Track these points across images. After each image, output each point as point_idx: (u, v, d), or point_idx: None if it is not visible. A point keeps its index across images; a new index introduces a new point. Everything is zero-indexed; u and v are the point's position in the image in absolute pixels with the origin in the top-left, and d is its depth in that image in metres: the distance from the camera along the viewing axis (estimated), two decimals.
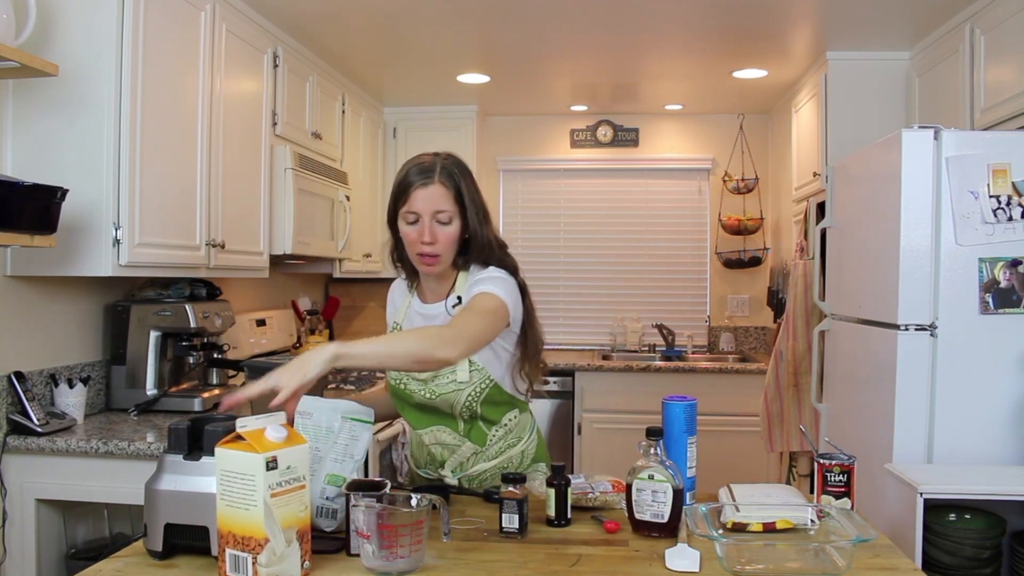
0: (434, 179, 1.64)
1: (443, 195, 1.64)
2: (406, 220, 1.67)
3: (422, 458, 1.81)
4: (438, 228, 1.64)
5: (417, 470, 1.84)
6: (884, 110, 3.43)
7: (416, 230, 1.65)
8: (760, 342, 4.80)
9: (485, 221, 1.70)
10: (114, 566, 1.28)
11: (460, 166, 1.69)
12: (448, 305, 1.71)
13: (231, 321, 2.83)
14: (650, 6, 2.98)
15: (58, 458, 2.20)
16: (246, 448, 1.16)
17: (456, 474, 1.76)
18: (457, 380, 1.68)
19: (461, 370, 1.67)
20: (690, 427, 1.62)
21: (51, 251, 2.15)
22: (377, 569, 1.23)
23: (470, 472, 1.76)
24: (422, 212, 1.64)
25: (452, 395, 1.68)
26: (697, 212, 4.87)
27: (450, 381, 1.68)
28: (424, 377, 1.70)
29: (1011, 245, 2.25)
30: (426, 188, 1.63)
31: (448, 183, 1.65)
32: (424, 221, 1.64)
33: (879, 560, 1.32)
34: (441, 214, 1.64)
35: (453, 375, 1.68)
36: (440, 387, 1.69)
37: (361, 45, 3.49)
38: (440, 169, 1.65)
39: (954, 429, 2.29)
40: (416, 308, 1.78)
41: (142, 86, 2.26)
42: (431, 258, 1.66)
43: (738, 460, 4.04)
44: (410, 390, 1.72)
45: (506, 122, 4.93)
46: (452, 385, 1.68)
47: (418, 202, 1.63)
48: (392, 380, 1.75)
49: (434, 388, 1.69)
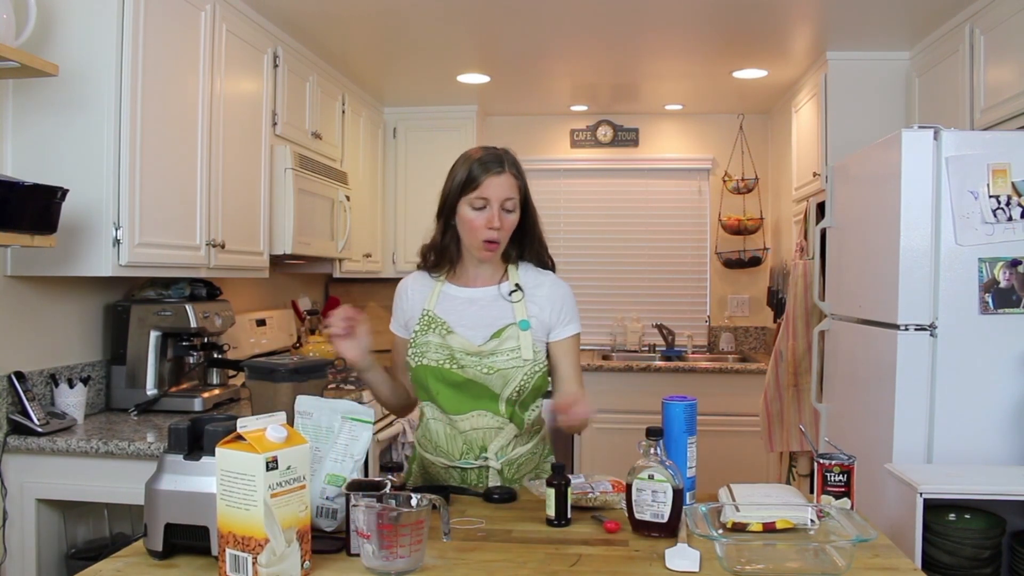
0: (505, 169, 1.73)
1: (512, 185, 1.74)
2: (473, 206, 1.73)
3: (457, 450, 1.78)
4: (504, 216, 1.73)
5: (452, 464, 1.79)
6: (884, 110, 3.43)
7: (484, 216, 1.72)
8: (760, 342, 4.80)
9: (536, 217, 1.83)
10: (114, 566, 1.28)
11: (517, 160, 1.79)
12: (504, 291, 1.80)
13: (231, 321, 2.84)
14: (650, 6, 2.98)
15: (58, 458, 2.20)
16: (246, 448, 1.16)
17: (499, 457, 1.77)
18: (522, 356, 1.72)
19: (526, 347, 1.73)
20: (690, 427, 1.62)
21: (51, 251, 2.15)
22: (377, 569, 1.23)
23: (511, 456, 1.78)
24: (492, 199, 1.71)
25: (511, 371, 1.72)
26: (697, 212, 4.87)
27: (514, 356, 1.72)
28: (482, 350, 1.73)
29: (1011, 245, 2.25)
30: (499, 176, 1.72)
31: (516, 174, 1.76)
32: (493, 208, 1.72)
33: (879, 560, 1.32)
34: (508, 202, 1.73)
35: (518, 352, 1.73)
36: (499, 362, 1.72)
37: (361, 45, 3.49)
38: (509, 161, 1.76)
39: (954, 429, 2.29)
40: (453, 293, 1.83)
41: (142, 86, 2.26)
42: (494, 244, 1.74)
43: (738, 460, 4.04)
44: (460, 366, 1.73)
45: (506, 122, 4.93)
46: (514, 362, 1.72)
47: (490, 189, 1.71)
48: (432, 362, 1.74)
49: (491, 363, 1.72)
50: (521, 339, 1.74)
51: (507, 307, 1.78)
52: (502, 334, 1.75)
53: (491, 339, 1.75)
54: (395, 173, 4.60)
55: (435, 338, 1.76)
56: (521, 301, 1.78)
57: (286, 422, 1.24)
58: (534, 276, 1.83)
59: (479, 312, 1.78)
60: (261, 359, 1.71)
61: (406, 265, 4.62)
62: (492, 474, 1.78)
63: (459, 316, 1.78)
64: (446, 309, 1.80)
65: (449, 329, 1.77)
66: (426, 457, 1.84)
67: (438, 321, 1.78)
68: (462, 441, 1.78)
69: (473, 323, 1.77)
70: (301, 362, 1.66)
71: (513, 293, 1.79)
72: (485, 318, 1.77)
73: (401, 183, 4.60)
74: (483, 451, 1.77)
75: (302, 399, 1.47)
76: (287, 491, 1.18)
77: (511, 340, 1.74)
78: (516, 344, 1.73)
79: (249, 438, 1.17)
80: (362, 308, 4.77)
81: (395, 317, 1.92)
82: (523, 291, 1.79)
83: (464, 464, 1.78)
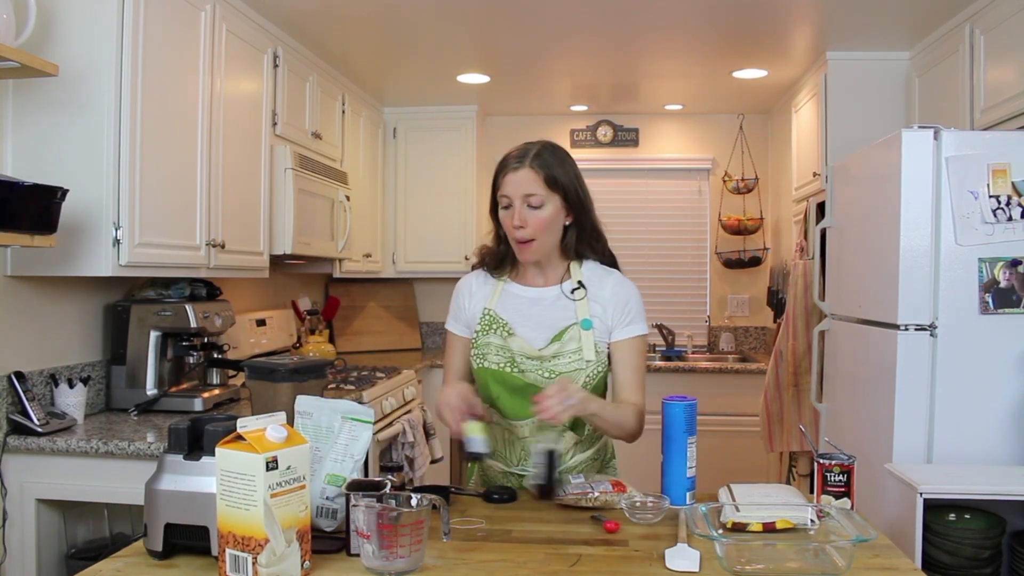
0: (525, 164, 1.67)
1: (533, 179, 1.66)
2: (501, 205, 1.71)
3: (515, 455, 1.75)
4: (529, 212, 1.67)
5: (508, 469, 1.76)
6: (884, 110, 3.43)
7: (509, 214, 1.69)
8: (760, 342, 4.80)
9: (588, 207, 1.74)
10: (114, 566, 1.28)
11: (557, 153, 1.71)
12: (566, 290, 1.74)
13: (231, 321, 2.83)
14: (650, 6, 2.98)
15: (58, 458, 2.20)
16: (246, 448, 1.16)
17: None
18: (584, 359, 1.68)
19: (588, 348, 1.68)
20: (690, 427, 1.62)
21: (51, 251, 2.15)
22: (377, 569, 1.23)
23: (569, 464, 1.74)
24: (512, 196, 1.67)
25: (573, 373, 1.68)
26: (697, 212, 4.87)
27: (575, 360, 1.68)
28: (543, 354, 1.69)
29: (1011, 245, 2.25)
30: (516, 172, 1.67)
31: (539, 168, 1.67)
32: (515, 205, 1.67)
33: (879, 560, 1.32)
34: (532, 198, 1.66)
35: (579, 353, 1.68)
36: (561, 365, 1.68)
37: (361, 45, 3.49)
38: (533, 155, 1.68)
39: (954, 429, 2.29)
40: (516, 292, 1.78)
41: (142, 86, 2.26)
42: (525, 243, 1.69)
43: (738, 460, 4.04)
44: (520, 371, 1.69)
45: (506, 122, 4.93)
46: (577, 364, 1.68)
47: (509, 186, 1.68)
48: (493, 365, 1.71)
49: (553, 367, 1.68)
50: (583, 339, 1.69)
51: (570, 306, 1.72)
52: (563, 336, 1.70)
53: (552, 342, 1.70)
54: (395, 173, 4.60)
55: (496, 339, 1.72)
56: (584, 299, 1.72)
57: (286, 422, 1.24)
58: (599, 274, 1.76)
59: (542, 312, 1.73)
60: (261, 359, 1.71)
61: (406, 265, 4.63)
62: None
63: (521, 316, 1.73)
64: (508, 308, 1.75)
65: (511, 331, 1.72)
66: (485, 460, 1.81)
67: (500, 321, 1.73)
68: (520, 447, 1.74)
69: (535, 324, 1.72)
70: (301, 362, 1.65)
71: (575, 291, 1.73)
72: (547, 319, 1.72)
73: (401, 183, 4.60)
74: None
75: (302, 399, 1.47)
76: (287, 491, 1.18)
77: (572, 342, 1.69)
78: (578, 345, 1.68)
79: (249, 438, 1.17)
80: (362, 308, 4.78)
81: (454, 316, 1.84)
82: (586, 289, 1.73)
83: (521, 471, 1.75)
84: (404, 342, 4.83)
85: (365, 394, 3.04)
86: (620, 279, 1.77)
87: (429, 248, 4.60)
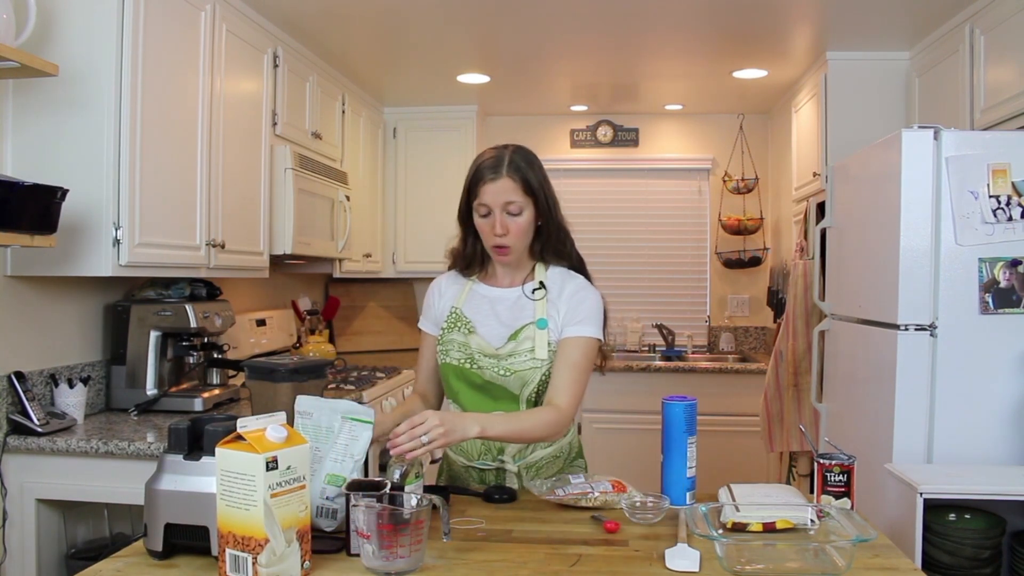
0: (502, 173, 1.71)
1: (512, 188, 1.71)
2: (479, 213, 1.74)
3: (475, 450, 1.78)
4: (509, 220, 1.72)
5: (470, 463, 1.79)
6: (884, 110, 3.43)
7: (488, 222, 1.73)
8: (760, 342, 4.80)
9: (555, 209, 1.79)
10: (114, 566, 1.28)
11: (527, 157, 1.76)
12: (527, 290, 1.79)
13: (231, 321, 2.84)
14: (650, 6, 2.98)
15: (58, 458, 2.20)
16: (246, 448, 1.16)
17: (517, 461, 1.77)
18: (536, 357, 1.71)
19: (540, 347, 1.72)
20: (690, 427, 1.62)
21: (51, 251, 2.15)
22: (377, 569, 1.23)
23: (529, 459, 1.77)
24: (492, 205, 1.71)
25: (528, 372, 1.71)
26: (697, 212, 4.87)
27: (529, 359, 1.71)
28: (499, 353, 1.73)
29: (1011, 245, 2.25)
30: (495, 183, 1.70)
31: (516, 176, 1.71)
32: (495, 214, 1.71)
33: (879, 560, 1.32)
34: (511, 205, 1.71)
35: (532, 352, 1.71)
36: (516, 364, 1.72)
37: (361, 45, 3.49)
38: (508, 163, 1.72)
39: (954, 429, 2.29)
40: (482, 292, 1.83)
41: (142, 86, 2.26)
42: (504, 248, 1.74)
43: (738, 460, 4.04)
44: (479, 367, 1.73)
45: (506, 122, 4.93)
46: (530, 363, 1.71)
47: (488, 196, 1.71)
48: (454, 361, 1.76)
49: (509, 365, 1.72)
50: (537, 338, 1.73)
51: (529, 306, 1.77)
52: (519, 335, 1.74)
53: (508, 341, 1.74)
54: (395, 173, 4.60)
55: (459, 336, 1.77)
56: (543, 299, 1.77)
57: (286, 422, 1.24)
58: (563, 278, 1.81)
59: (503, 311, 1.78)
60: (261, 359, 1.71)
61: (406, 265, 4.62)
62: (509, 476, 1.77)
63: (483, 315, 1.79)
64: (472, 308, 1.81)
65: (472, 329, 1.77)
66: (448, 454, 1.85)
67: (463, 319, 1.79)
68: (480, 443, 1.77)
69: (496, 322, 1.77)
70: (301, 362, 1.66)
71: (536, 291, 1.78)
72: (507, 318, 1.77)
73: (401, 183, 4.60)
74: (500, 453, 1.77)
75: (302, 399, 1.47)
76: (287, 491, 1.18)
77: (527, 340, 1.73)
78: (532, 344, 1.72)
79: (249, 438, 1.17)
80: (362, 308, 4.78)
81: (425, 315, 1.92)
82: (546, 289, 1.78)
83: (481, 465, 1.78)
84: (404, 342, 4.83)
85: (365, 394, 3.05)
86: (583, 284, 1.80)
87: (429, 248, 4.59)
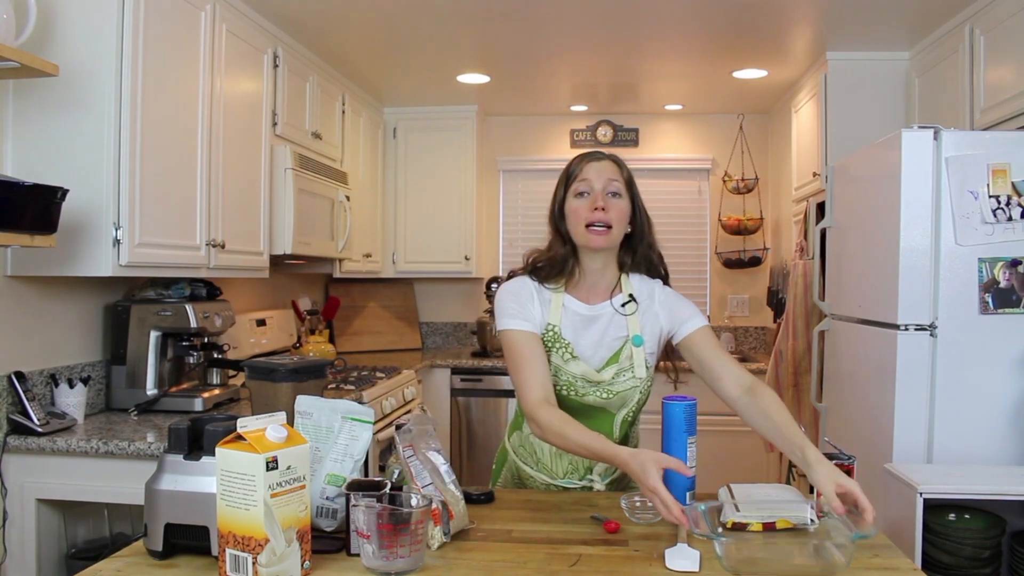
0: (607, 157, 1.73)
1: (616, 171, 1.71)
2: (576, 193, 1.70)
3: (561, 468, 1.75)
4: (610, 200, 1.68)
5: (552, 481, 1.76)
6: (884, 110, 3.43)
7: (587, 202, 1.68)
8: (760, 342, 4.80)
9: (648, 222, 1.77)
10: (114, 566, 1.28)
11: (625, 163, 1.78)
12: (616, 304, 1.73)
13: (231, 321, 2.83)
14: (650, 6, 2.98)
15: (58, 458, 2.19)
16: (246, 448, 1.16)
17: (604, 478, 1.75)
18: (636, 376, 1.70)
19: (639, 366, 1.70)
20: (690, 427, 1.62)
21: (51, 251, 2.15)
22: (377, 569, 1.23)
23: (616, 476, 1.76)
24: (594, 180, 1.69)
25: (629, 392, 1.70)
26: (697, 212, 4.87)
27: (630, 379, 1.70)
28: (602, 379, 1.69)
29: (1011, 245, 2.25)
30: (600, 162, 1.71)
31: (619, 164, 1.74)
32: (596, 189, 1.68)
33: (879, 560, 1.32)
34: (613, 184, 1.69)
35: (633, 371, 1.70)
36: (618, 386, 1.69)
37: (361, 45, 3.49)
38: (611, 155, 1.75)
39: (954, 429, 2.29)
40: (574, 308, 1.72)
41: (142, 86, 2.26)
42: (602, 228, 1.67)
43: (738, 460, 4.04)
44: (581, 393, 1.69)
45: (506, 122, 4.93)
46: (632, 382, 1.70)
47: (591, 172, 1.70)
48: (561, 388, 1.68)
49: (611, 388, 1.69)
50: (635, 357, 1.70)
51: (622, 322, 1.72)
52: (619, 356, 1.70)
53: (608, 364, 1.70)
54: (395, 173, 4.60)
55: (558, 361, 1.69)
56: (635, 314, 1.72)
57: (286, 422, 1.24)
58: (647, 286, 1.76)
59: (598, 332, 1.72)
60: (261, 359, 1.71)
61: (406, 265, 4.62)
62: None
63: (580, 337, 1.71)
64: (569, 328, 1.71)
65: (573, 353, 1.69)
66: (524, 469, 1.79)
67: (562, 342, 1.70)
68: (567, 460, 1.74)
69: (594, 344, 1.71)
70: (301, 362, 1.66)
71: (626, 305, 1.72)
72: (603, 338, 1.71)
73: (401, 183, 4.60)
74: (588, 472, 1.74)
75: (302, 399, 1.47)
76: (287, 491, 1.18)
77: (627, 360, 1.70)
78: (631, 363, 1.70)
79: (249, 438, 1.17)
80: (362, 308, 4.78)
81: (520, 315, 1.69)
82: (637, 303, 1.73)
83: (567, 484, 1.75)
84: (404, 342, 4.83)
85: (365, 394, 3.05)
86: (664, 287, 1.78)
87: (429, 248, 4.60)
